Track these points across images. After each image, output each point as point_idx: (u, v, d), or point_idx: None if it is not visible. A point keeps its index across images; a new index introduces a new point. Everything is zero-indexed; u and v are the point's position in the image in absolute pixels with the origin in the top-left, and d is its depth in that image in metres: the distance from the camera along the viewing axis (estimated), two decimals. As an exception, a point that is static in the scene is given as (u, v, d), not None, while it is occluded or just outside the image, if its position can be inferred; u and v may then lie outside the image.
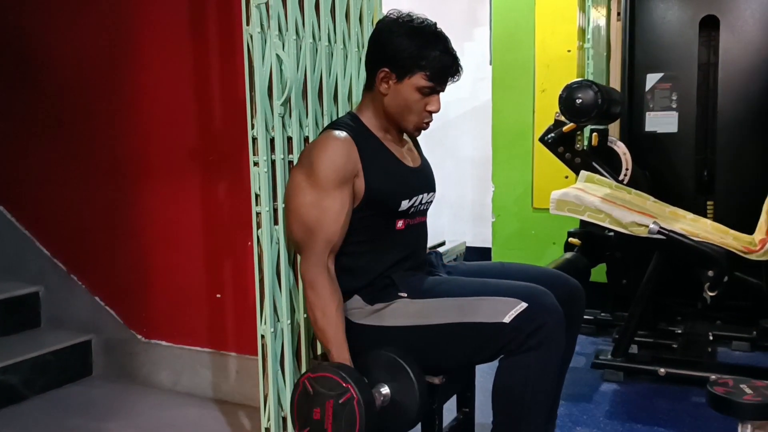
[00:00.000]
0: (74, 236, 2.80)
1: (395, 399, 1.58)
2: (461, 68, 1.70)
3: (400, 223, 1.72)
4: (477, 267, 1.90)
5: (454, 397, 1.87)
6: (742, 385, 2.04)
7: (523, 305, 1.51)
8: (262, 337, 1.75)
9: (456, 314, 1.57)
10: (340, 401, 1.49)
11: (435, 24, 1.70)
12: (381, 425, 1.56)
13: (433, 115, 1.74)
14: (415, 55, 1.63)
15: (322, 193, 1.60)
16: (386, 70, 1.66)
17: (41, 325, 2.86)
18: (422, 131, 1.77)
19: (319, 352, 1.89)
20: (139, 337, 2.66)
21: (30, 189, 2.88)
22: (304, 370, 1.83)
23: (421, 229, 1.83)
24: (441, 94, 1.72)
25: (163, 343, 2.61)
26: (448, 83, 1.71)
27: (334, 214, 1.61)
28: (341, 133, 1.65)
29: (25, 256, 2.87)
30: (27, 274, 2.87)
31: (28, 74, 2.84)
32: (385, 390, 1.59)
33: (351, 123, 1.71)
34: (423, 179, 1.81)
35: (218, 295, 2.47)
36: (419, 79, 1.65)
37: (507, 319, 1.50)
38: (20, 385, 2.48)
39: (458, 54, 1.70)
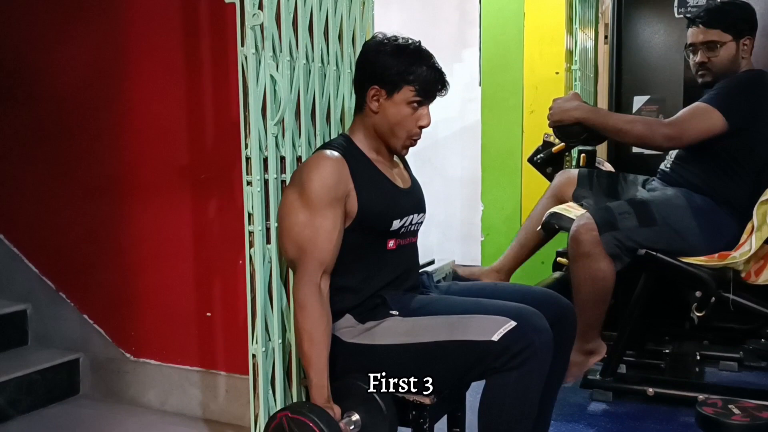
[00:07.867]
0: (63, 253, 2.77)
1: (366, 424, 1.61)
2: (448, 83, 1.74)
3: (391, 243, 1.74)
4: (470, 287, 1.91)
5: (445, 417, 1.87)
6: (730, 406, 2.06)
7: (512, 324, 1.53)
8: (254, 356, 1.74)
9: (446, 332, 1.58)
10: None
11: (419, 42, 1.74)
12: None
13: (423, 133, 1.77)
14: (402, 71, 1.67)
15: (314, 212, 1.61)
16: (376, 87, 1.69)
17: (28, 344, 2.82)
18: (409, 149, 1.80)
19: (310, 371, 1.89)
20: (128, 355, 2.64)
21: (18, 206, 2.86)
22: (295, 390, 1.83)
23: (412, 250, 1.85)
24: (430, 113, 1.74)
25: (152, 361, 2.59)
26: (437, 96, 1.74)
27: (326, 233, 1.62)
28: (333, 153, 1.67)
29: (12, 274, 2.84)
30: (14, 291, 2.83)
31: (16, 90, 2.83)
32: (356, 417, 1.61)
33: (343, 144, 1.74)
34: (414, 200, 1.83)
35: (208, 314, 2.46)
36: (408, 93, 1.68)
37: (495, 338, 1.52)
38: (5, 404, 2.44)
39: (447, 74, 1.74)
